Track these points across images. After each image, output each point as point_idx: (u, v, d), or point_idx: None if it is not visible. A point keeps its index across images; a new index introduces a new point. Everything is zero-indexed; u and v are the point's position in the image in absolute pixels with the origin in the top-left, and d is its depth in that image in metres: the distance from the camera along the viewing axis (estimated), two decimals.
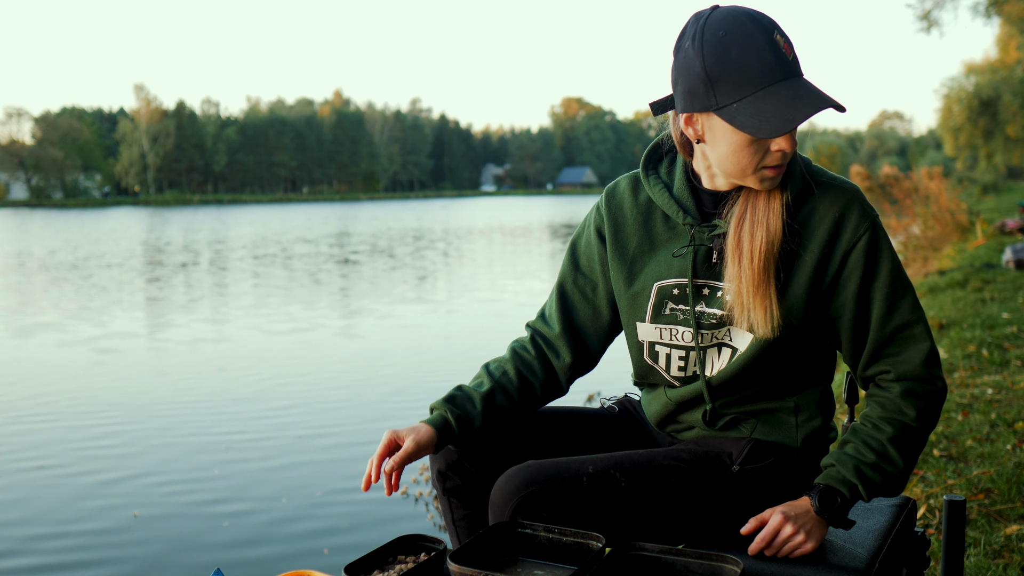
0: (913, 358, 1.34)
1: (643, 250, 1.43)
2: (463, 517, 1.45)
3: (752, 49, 1.22)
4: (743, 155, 1.28)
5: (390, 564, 1.23)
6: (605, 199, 1.49)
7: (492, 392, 1.46)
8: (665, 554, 1.16)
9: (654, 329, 1.42)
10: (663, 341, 1.42)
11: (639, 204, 1.44)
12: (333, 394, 6.27)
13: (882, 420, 1.34)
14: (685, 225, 1.38)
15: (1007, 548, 2.36)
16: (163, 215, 47.91)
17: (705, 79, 1.24)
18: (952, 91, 34.89)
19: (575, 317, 1.51)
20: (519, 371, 1.49)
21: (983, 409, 3.67)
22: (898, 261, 1.36)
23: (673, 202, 1.39)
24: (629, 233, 1.44)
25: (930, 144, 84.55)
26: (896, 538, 1.43)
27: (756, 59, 1.22)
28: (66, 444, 5.08)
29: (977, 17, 16.98)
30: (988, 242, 12.32)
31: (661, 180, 1.42)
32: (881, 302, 1.34)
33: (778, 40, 1.23)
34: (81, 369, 7.20)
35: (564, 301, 1.51)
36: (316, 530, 3.73)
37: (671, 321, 1.40)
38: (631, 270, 1.43)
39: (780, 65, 1.22)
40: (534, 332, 1.54)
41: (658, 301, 1.40)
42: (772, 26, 1.24)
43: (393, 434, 1.39)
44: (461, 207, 60.23)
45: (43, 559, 3.55)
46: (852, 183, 1.39)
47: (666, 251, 1.40)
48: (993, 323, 5.64)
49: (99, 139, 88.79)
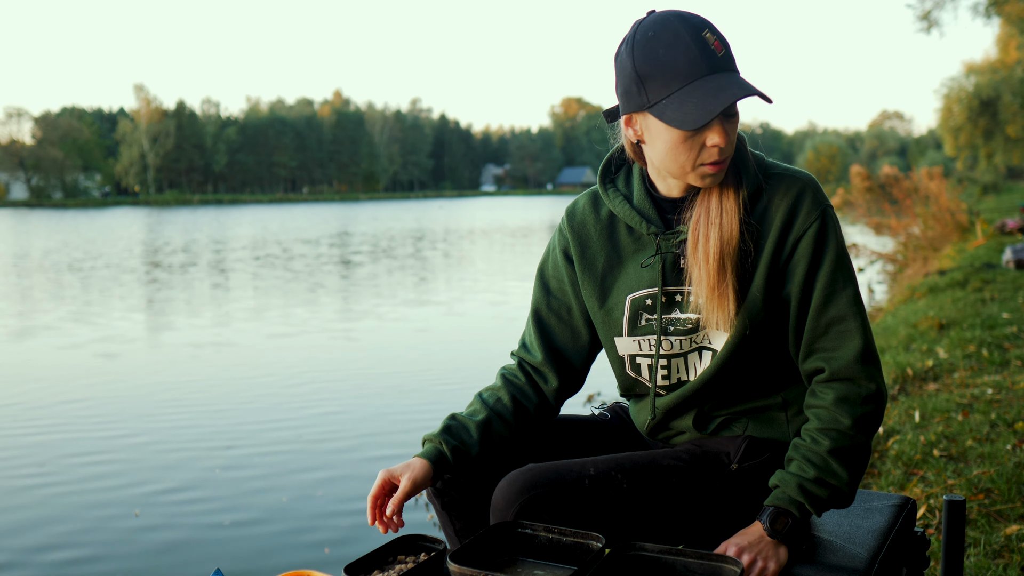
0: (845, 355, 1.32)
1: (612, 265, 1.44)
2: (464, 528, 1.45)
3: (678, 47, 1.25)
4: (679, 152, 1.29)
5: (390, 564, 1.23)
6: (567, 219, 1.49)
7: (488, 420, 1.45)
8: (665, 554, 1.16)
9: (633, 342, 1.42)
10: (644, 352, 1.42)
11: (601, 220, 1.45)
12: (334, 394, 6.27)
13: (819, 432, 1.32)
14: (650, 235, 1.39)
15: (1007, 548, 2.36)
16: (163, 215, 47.89)
17: (637, 79, 1.27)
18: (952, 91, 34.90)
19: (555, 341, 1.51)
20: (513, 396, 1.49)
21: (983, 409, 3.67)
22: (845, 253, 1.36)
23: (634, 213, 1.40)
24: (595, 250, 1.45)
25: (930, 144, 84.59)
26: (896, 538, 1.43)
27: (682, 55, 1.24)
28: (66, 445, 5.08)
29: (977, 17, 16.99)
30: (988, 242, 12.31)
31: (620, 192, 1.44)
32: (820, 292, 1.34)
33: (707, 37, 1.26)
34: (81, 371, 7.20)
35: (541, 327, 1.52)
36: (316, 530, 3.73)
37: (648, 332, 1.41)
38: (602, 286, 1.44)
39: (706, 60, 1.24)
40: (520, 360, 1.54)
41: (633, 313, 1.41)
42: (702, 25, 1.27)
43: (388, 474, 1.38)
44: (461, 207, 60.23)
45: (43, 560, 3.55)
46: (806, 173, 1.39)
47: (634, 263, 1.41)
48: (993, 323, 5.64)
49: (99, 139, 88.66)
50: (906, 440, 3.35)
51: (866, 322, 1.34)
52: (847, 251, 1.37)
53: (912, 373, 4.54)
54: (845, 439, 1.31)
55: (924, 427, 3.54)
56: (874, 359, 1.33)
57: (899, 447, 3.29)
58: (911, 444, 3.29)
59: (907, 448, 3.26)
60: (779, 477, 1.33)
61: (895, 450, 3.28)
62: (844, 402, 1.31)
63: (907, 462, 3.14)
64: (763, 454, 1.40)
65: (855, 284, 1.35)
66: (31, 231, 32.13)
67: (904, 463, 3.14)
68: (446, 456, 1.40)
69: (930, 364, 4.68)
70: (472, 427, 1.43)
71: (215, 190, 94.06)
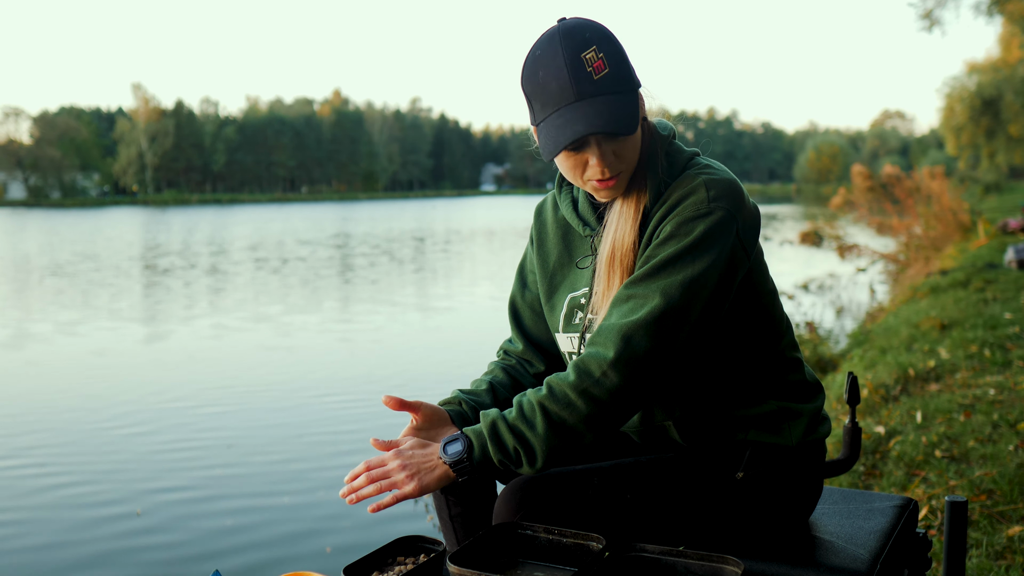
0: (603, 326, 1.26)
1: (562, 263, 1.48)
2: (459, 515, 1.46)
3: (552, 71, 1.27)
4: (567, 169, 1.34)
5: (389, 566, 1.23)
6: (535, 216, 1.57)
7: (493, 388, 1.50)
8: (665, 555, 1.16)
9: (567, 339, 1.45)
10: (577, 351, 1.44)
11: (558, 220, 1.51)
12: (334, 395, 6.27)
13: (552, 381, 1.26)
14: (586, 237, 1.43)
15: (1009, 549, 2.35)
16: (162, 215, 47.81)
17: (526, 97, 1.33)
18: (954, 90, 34.87)
19: (529, 332, 1.57)
20: (509, 375, 1.54)
21: (985, 410, 3.66)
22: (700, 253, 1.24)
23: (575, 216, 1.45)
24: (550, 248, 1.51)
25: (932, 143, 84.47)
26: (898, 539, 1.43)
27: (555, 81, 1.27)
28: (66, 445, 5.09)
29: (979, 16, 16.95)
30: (990, 242, 12.30)
31: (571, 196, 1.48)
32: (647, 265, 1.27)
33: (586, 59, 1.26)
34: (79, 372, 7.20)
35: (517, 318, 1.58)
36: (317, 530, 3.73)
37: (578, 330, 1.43)
38: (551, 283, 1.49)
39: (576, 86, 1.26)
40: (505, 351, 1.60)
41: (568, 311, 1.45)
42: (585, 44, 1.26)
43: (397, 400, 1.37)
44: (461, 207, 60.19)
45: (44, 560, 3.55)
46: (719, 174, 1.31)
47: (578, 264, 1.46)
48: (995, 323, 5.62)
49: (97, 138, 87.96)
50: (908, 441, 3.35)
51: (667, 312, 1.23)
52: (708, 259, 1.25)
53: (914, 373, 4.53)
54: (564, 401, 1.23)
55: (926, 428, 3.53)
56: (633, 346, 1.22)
57: (901, 448, 3.28)
58: (913, 445, 3.29)
59: (909, 449, 3.25)
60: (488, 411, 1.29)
61: (897, 451, 3.27)
62: (589, 362, 1.24)
63: (909, 463, 3.13)
64: (767, 460, 1.39)
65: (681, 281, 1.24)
66: (28, 231, 32.10)
67: (906, 464, 3.13)
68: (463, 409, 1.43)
69: (932, 364, 4.67)
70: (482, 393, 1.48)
71: (214, 190, 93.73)
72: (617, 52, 1.29)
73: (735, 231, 1.29)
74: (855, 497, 1.58)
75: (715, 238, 1.27)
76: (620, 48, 1.31)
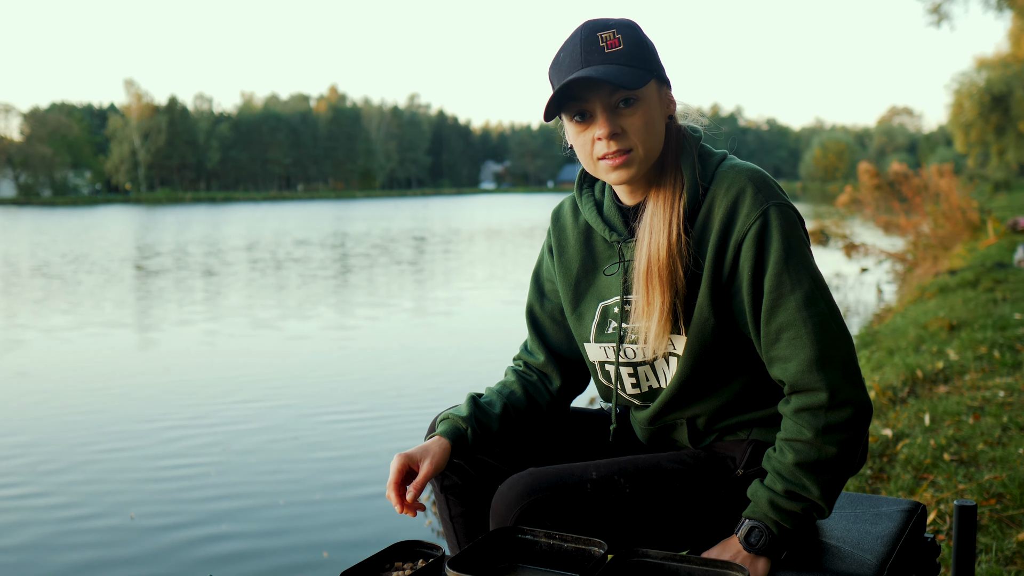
0: (797, 365, 1.26)
1: (586, 271, 1.45)
2: (460, 514, 1.45)
3: (567, 48, 1.29)
4: (578, 146, 1.33)
5: (387, 571, 1.21)
6: (552, 222, 1.52)
7: (505, 406, 1.47)
8: (668, 560, 1.14)
9: (599, 348, 1.43)
10: (610, 360, 1.42)
11: (579, 226, 1.47)
12: (332, 397, 6.26)
13: (785, 444, 1.28)
14: (614, 243, 1.40)
15: (1019, 555, 2.32)
16: (155, 213, 47.63)
17: (550, 82, 1.34)
18: (963, 86, 34.69)
19: (551, 343, 1.53)
20: (525, 390, 1.51)
21: (995, 412, 3.62)
22: (795, 252, 1.27)
23: (601, 221, 1.41)
24: (572, 255, 1.46)
25: (940, 141, 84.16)
26: (905, 544, 1.41)
27: (568, 55, 1.29)
28: (60, 448, 5.08)
29: (988, 10, 16.86)
30: (1000, 241, 12.22)
31: (593, 199, 1.45)
32: (767, 298, 1.28)
33: (602, 36, 1.27)
34: (75, 373, 7.20)
35: (537, 328, 1.54)
36: (315, 534, 3.72)
37: (612, 339, 1.40)
38: (576, 291, 1.45)
39: (584, 57, 1.27)
40: (524, 362, 1.55)
41: (601, 320, 1.42)
42: (605, 27, 1.28)
43: (406, 459, 1.36)
44: (460, 205, 60.03)
45: (39, 562, 3.55)
46: (751, 168, 1.33)
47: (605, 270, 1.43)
48: (1005, 324, 5.58)
49: (89, 136, 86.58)
50: (916, 444, 3.32)
51: (820, 326, 1.26)
52: (801, 249, 1.28)
53: (922, 375, 4.49)
54: (811, 451, 1.26)
55: (934, 430, 3.50)
56: (832, 364, 1.25)
57: (908, 451, 3.25)
58: (921, 448, 3.26)
59: (917, 452, 3.22)
60: (753, 489, 1.31)
61: (904, 454, 3.24)
62: (804, 412, 1.26)
63: (917, 466, 3.10)
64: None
65: (806, 286, 1.27)
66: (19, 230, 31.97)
67: (914, 467, 3.10)
68: (465, 436, 1.41)
69: (940, 366, 4.64)
70: (491, 407, 1.46)
71: (208, 188, 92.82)
72: (638, 39, 1.28)
73: (795, 215, 1.32)
74: (862, 501, 1.56)
75: (789, 234, 1.28)
76: (645, 39, 1.30)
